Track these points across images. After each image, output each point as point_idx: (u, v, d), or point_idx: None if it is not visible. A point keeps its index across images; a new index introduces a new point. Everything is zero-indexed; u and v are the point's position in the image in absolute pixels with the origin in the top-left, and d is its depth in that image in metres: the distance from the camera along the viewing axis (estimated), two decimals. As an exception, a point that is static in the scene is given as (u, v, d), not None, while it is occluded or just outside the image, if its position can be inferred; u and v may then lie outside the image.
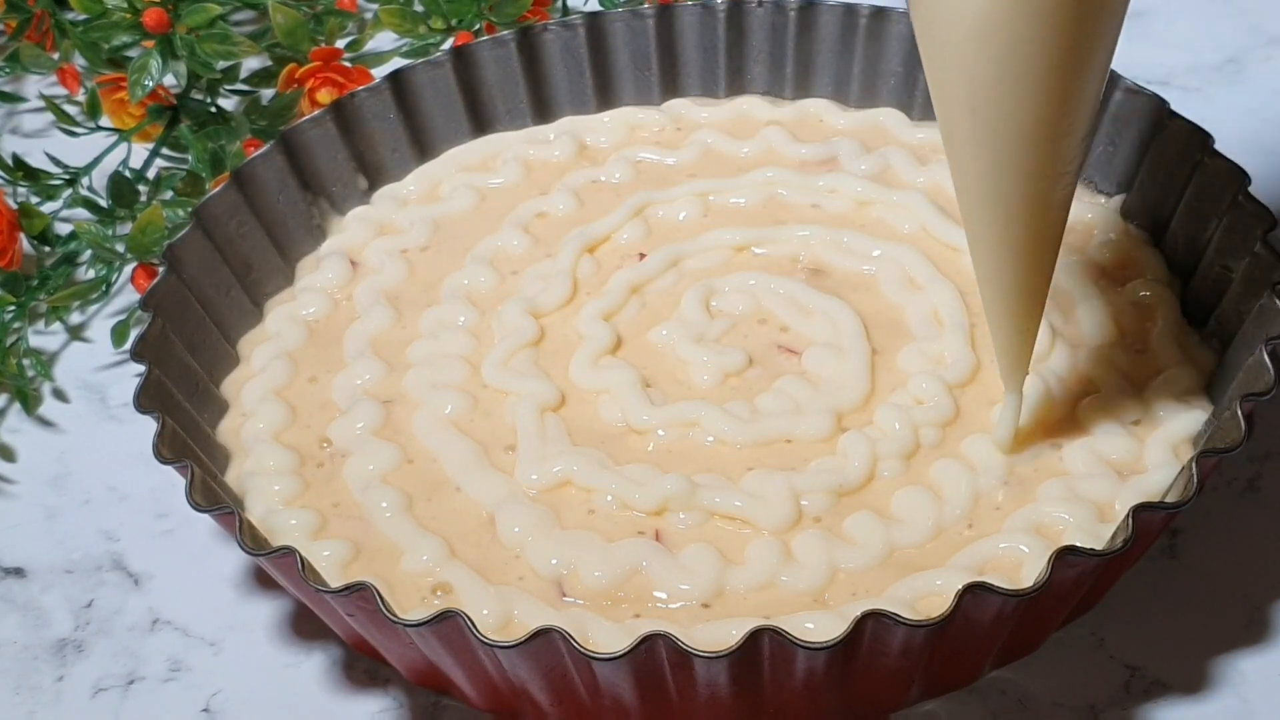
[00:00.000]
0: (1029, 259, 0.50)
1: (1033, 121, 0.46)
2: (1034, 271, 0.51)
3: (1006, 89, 0.46)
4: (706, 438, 0.56)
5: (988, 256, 0.50)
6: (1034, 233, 0.49)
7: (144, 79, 0.71)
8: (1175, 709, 0.53)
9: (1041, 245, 0.50)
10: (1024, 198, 0.48)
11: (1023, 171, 0.47)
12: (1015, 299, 0.51)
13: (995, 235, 0.49)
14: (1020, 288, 0.51)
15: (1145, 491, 0.53)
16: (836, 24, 0.69)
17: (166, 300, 0.58)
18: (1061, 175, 0.48)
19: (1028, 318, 0.52)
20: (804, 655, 0.47)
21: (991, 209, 0.49)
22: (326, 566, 0.53)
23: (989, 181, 0.48)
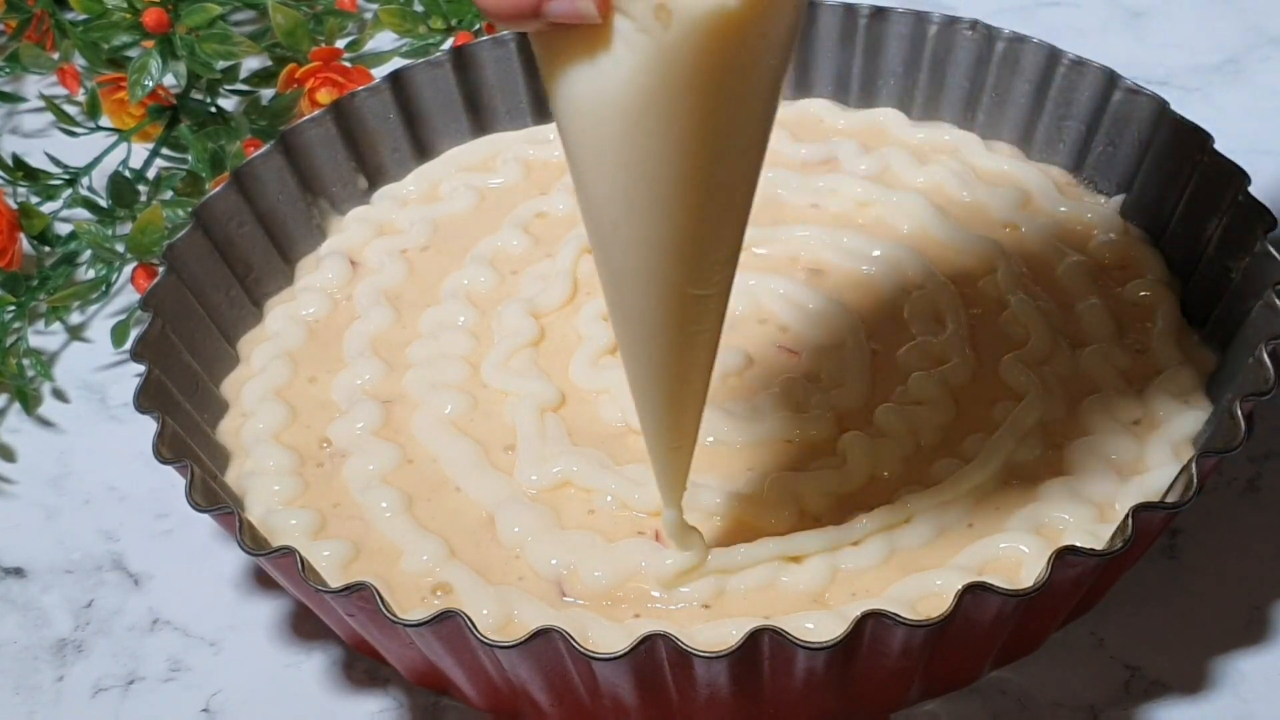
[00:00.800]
0: (674, 380, 0.47)
1: (671, 244, 0.44)
2: (681, 392, 0.48)
3: (640, 211, 0.43)
4: (707, 438, 0.56)
5: (635, 370, 0.47)
6: (680, 354, 0.47)
7: (144, 79, 0.71)
8: (1175, 709, 0.53)
9: (688, 367, 0.47)
10: (666, 319, 0.45)
11: (661, 294, 0.45)
12: (665, 418, 0.48)
13: (639, 354, 0.47)
14: (668, 406, 0.48)
15: (1145, 491, 0.53)
16: (836, 24, 0.68)
17: (166, 300, 0.58)
18: (706, 298, 0.46)
19: (679, 436, 0.49)
20: (804, 655, 0.47)
21: (632, 330, 0.46)
22: (326, 566, 0.53)
23: (629, 301, 0.46)
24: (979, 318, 0.60)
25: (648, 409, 0.48)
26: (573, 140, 0.43)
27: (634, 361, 0.47)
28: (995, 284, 0.61)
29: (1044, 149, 0.66)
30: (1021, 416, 0.56)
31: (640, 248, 0.44)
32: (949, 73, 0.68)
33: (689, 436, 0.49)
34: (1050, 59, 0.65)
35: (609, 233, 0.44)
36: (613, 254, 0.45)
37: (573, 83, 0.42)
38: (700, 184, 0.43)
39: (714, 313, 0.46)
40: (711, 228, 0.44)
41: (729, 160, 0.43)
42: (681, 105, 0.41)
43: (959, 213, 0.64)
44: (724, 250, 0.45)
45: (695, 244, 0.44)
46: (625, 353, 0.47)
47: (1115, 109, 0.64)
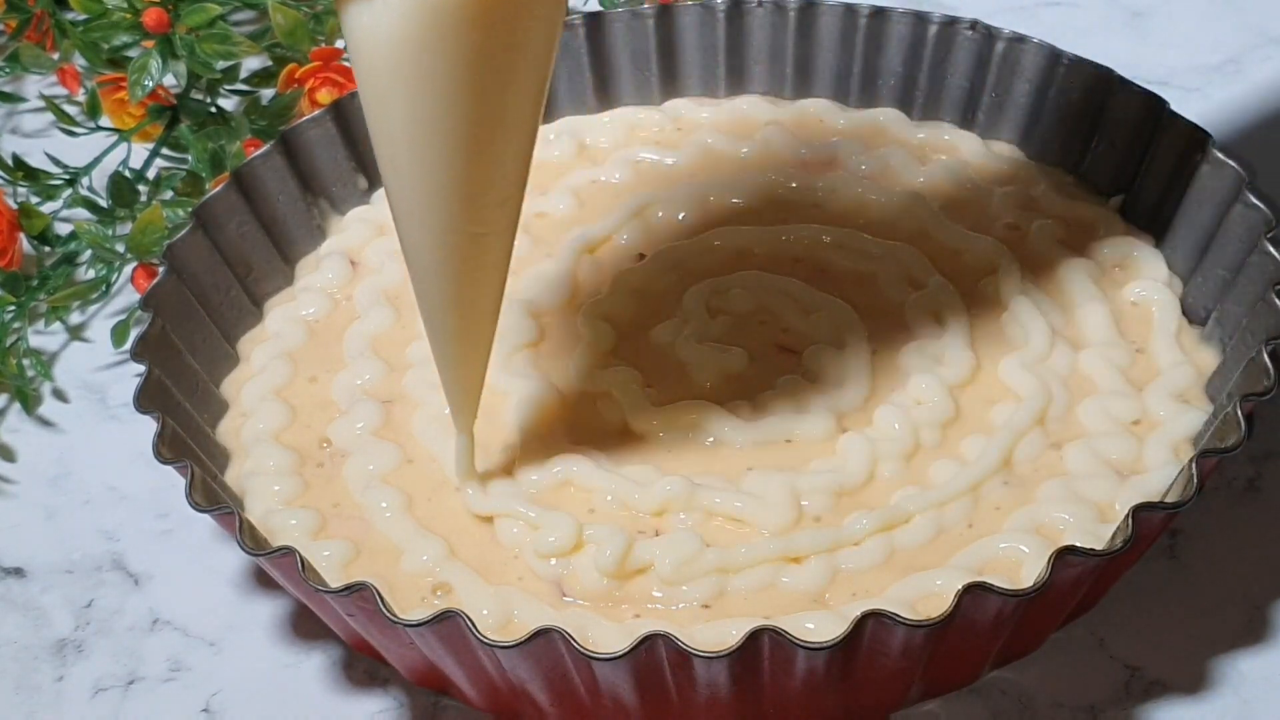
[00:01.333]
0: (467, 311, 0.50)
1: (443, 181, 0.47)
2: (472, 322, 0.51)
3: (416, 146, 0.46)
4: (706, 438, 0.56)
5: (430, 307, 0.50)
6: (463, 289, 0.50)
7: (144, 79, 0.70)
8: (1175, 709, 0.53)
9: (473, 303, 0.50)
10: (451, 250, 0.48)
11: (441, 229, 0.48)
12: (454, 350, 0.51)
13: (432, 286, 0.50)
14: (456, 339, 0.51)
15: (1145, 492, 0.53)
16: (836, 24, 0.68)
17: (166, 300, 0.58)
18: (484, 236, 0.49)
19: (468, 368, 0.52)
20: (804, 655, 0.47)
21: (425, 256, 0.49)
22: (326, 566, 0.53)
23: (419, 229, 0.48)
24: (979, 318, 0.60)
25: (436, 339, 0.51)
26: (356, 69, 0.46)
27: (421, 293, 0.50)
28: (995, 284, 0.61)
29: (1044, 149, 0.66)
30: (1021, 417, 0.56)
31: (417, 180, 0.47)
32: (949, 73, 0.68)
33: (477, 371, 0.52)
34: (1050, 59, 0.65)
35: (389, 162, 0.47)
36: (393, 184, 0.48)
37: (352, 15, 0.45)
38: (465, 129, 0.46)
39: (494, 251, 0.49)
40: (482, 168, 0.47)
41: (498, 104, 0.46)
42: (442, 50, 0.44)
43: (959, 213, 0.64)
44: (498, 193, 0.48)
45: (467, 183, 0.47)
46: (415, 286, 0.50)
47: (1115, 109, 0.64)
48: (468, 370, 0.52)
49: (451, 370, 0.52)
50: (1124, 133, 0.64)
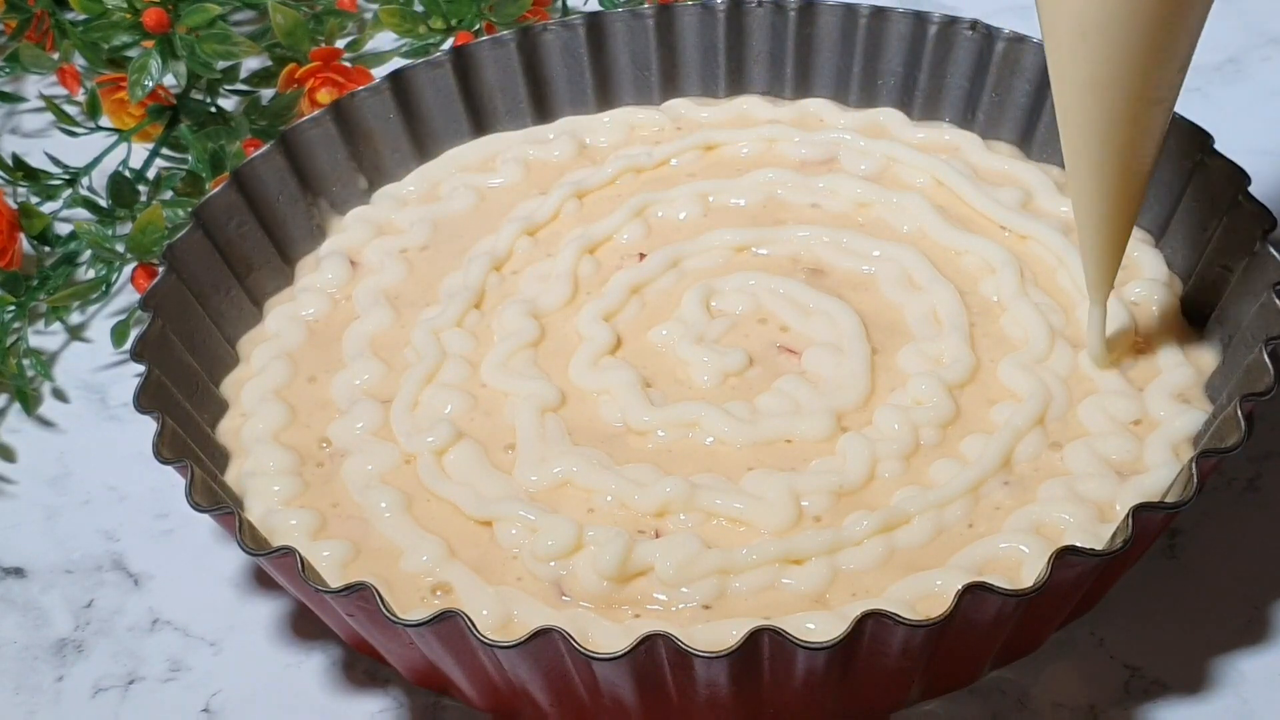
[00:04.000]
0: (1123, 180, 0.53)
1: (1139, 47, 0.50)
2: (1125, 193, 0.53)
3: (1117, 18, 0.49)
4: (706, 438, 0.56)
5: (1085, 174, 0.53)
6: (1129, 155, 0.52)
7: (144, 79, 0.71)
8: (1175, 709, 0.53)
9: (1134, 168, 0.53)
10: (1122, 120, 0.51)
11: (1124, 95, 0.51)
12: (1107, 217, 0.54)
13: (1093, 154, 0.52)
14: (1112, 206, 0.54)
15: (1145, 491, 0.53)
16: (836, 24, 0.69)
17: (166, 300, 0.58)
18: (1159, 102, 0.52)
19: (1118, 234, 0.54)
20: (804, 655, 0.47)
21: (1092, 128, 0.52)
22: (326, 566, 0.53)
23: (1093, 102, 0.51)
24: (979, 318, 0.60)
25: (1092, 206, 0.54)
26: None
27: (1086, 163, 0.53)
28: (995, 284, 0.61)
29: (1044, 149, 0.66)
30: (1021, 417, 0.56)
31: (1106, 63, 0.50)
32: (949, 73, 0.68)
33: (1125, 237, 0.55)
34: (1050, 59, 0.65)
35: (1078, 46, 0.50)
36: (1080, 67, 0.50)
37: None
38: None
39: (1163, 116, 0.53)
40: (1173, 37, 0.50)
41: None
42: None
43: (959, 213, 0.64)
44: (1181, 59, 0.51)
45: (1160, 52, 0.50)
46: (1078, 163, 0.53)
47: (1115, 109, 0.64)
48: (1116, 237, 0.54)
49: (1100, 239, 0.54)
50: (1124, 133, 0.64)
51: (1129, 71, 0.50)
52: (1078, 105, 0.52)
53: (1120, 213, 0.54)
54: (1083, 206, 0.54)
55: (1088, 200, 0.54)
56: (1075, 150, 0.53)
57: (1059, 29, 0.50)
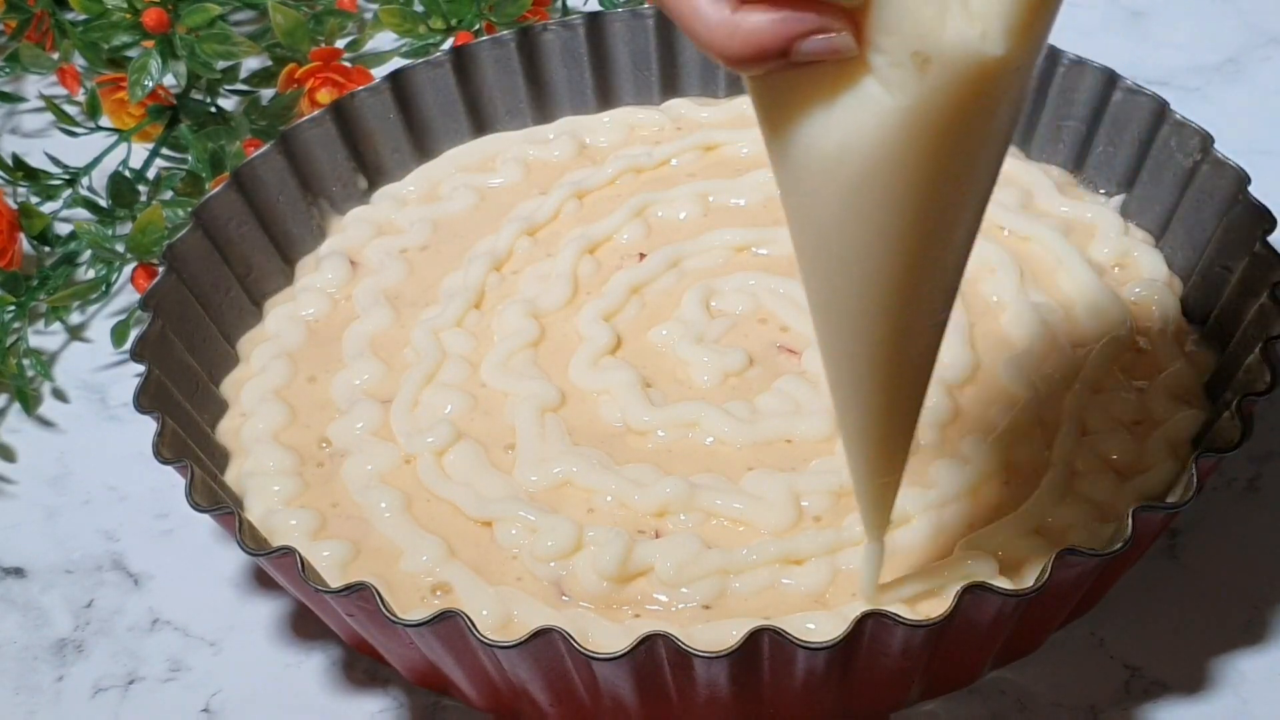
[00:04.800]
0: (889, 415, 0.46)
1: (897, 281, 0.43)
2: (895, 426, 0.47)
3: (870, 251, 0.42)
4: (706, 438, 0.56)
5: (849, 412, 0.47)
6: (895, 389, 0.46)
7: (144, 79, 0.71)
8: (1175, 709, 0.53)
9: (903, 401, 0.47)
10: (886, 355, 0.45)
11: (886, 329, 0.44)
12: (880, 454, 0.47)
13: (856, 393, 0.46)
14: (884, 443, 0.47)
15: (1145, 492, 0.53)
16: (836, 24, 0.68)
17: (166, 300, 0.58)
18: (940, 325, 0.45)
19: (891, 470, 0.48)
20: (804, 655, 0.47)
21: (853, 367, 0.45)
22: (326, 567, 0.53)
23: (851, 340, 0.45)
24: (978, 318, 0.60)
25: (862, 445, 0.47)
26: (802, 182, 0.42)
27: (851, 398, 0.46)
28: (995, 284, 0.61)
29: (1044, 149, 0.66)
30: (1020, 417, 0.56)
31: (871, 286, 0.43)
32: (949, 73, 0.67)
33: (899, 471, 0.48)
34: (1050, 59, 0.65)
35: (835, 272, 0.43)
36: (838, 293, 0.43)
37: (808, 125, 0.40)
38: (936, 218, 0.42)
39: (935, 342, 0.45)
40: (942, 259, 0.43)
41: (966, 195, 0.42)
42: (932, 145, 0.39)
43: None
44: (952, 279, 0.44)
45: (928, 279, 0.43)
46: (840, 392, 0.46)
47: (1115, 109, 0.64)
48: (890, 473, 0.48)
49: (872, 471, 0.48)
50: (1124, 133, 0.64)
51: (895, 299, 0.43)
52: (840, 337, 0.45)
53: (891, 448, 0.48)
54: (849, 447, 0.48)
55: (854, 437, 0.47)
56: (846, 391, 0.46)
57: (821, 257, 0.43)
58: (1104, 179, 0.65)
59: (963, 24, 0.37)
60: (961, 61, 0.38)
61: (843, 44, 0.38)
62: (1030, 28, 0.38)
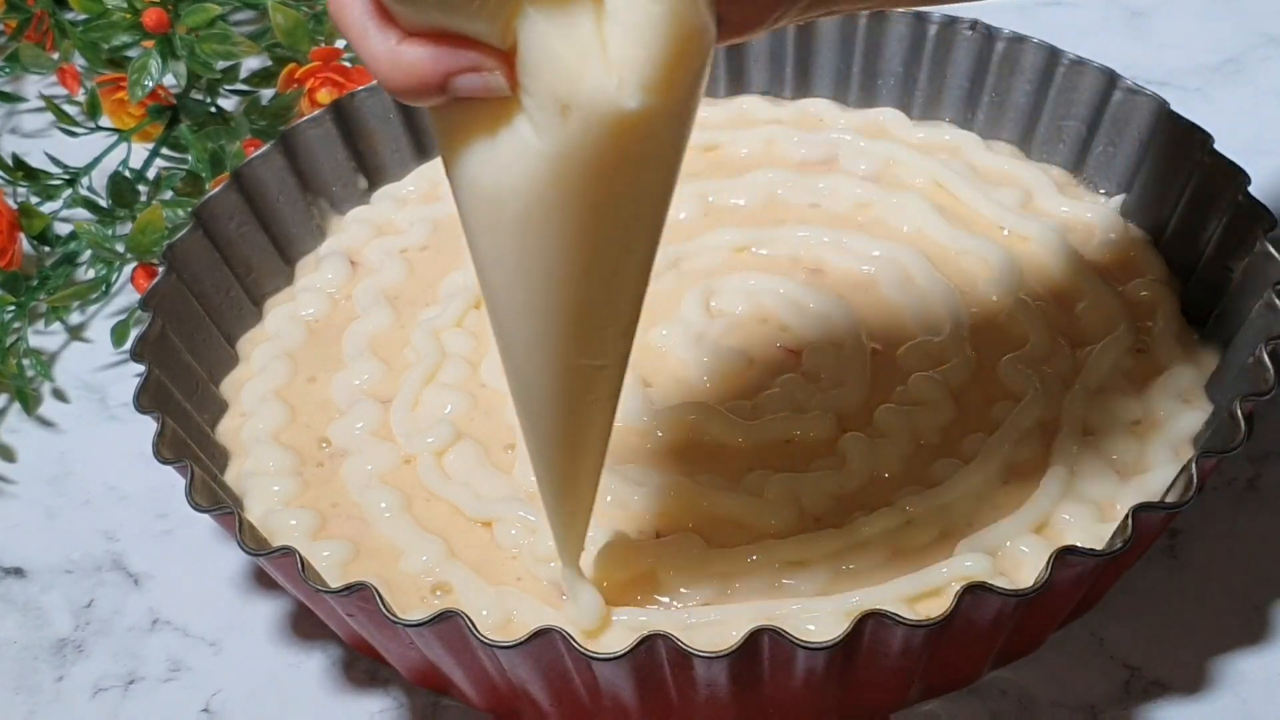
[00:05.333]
0: (570, 448, 0.47)
1: (565, 319, 0.44)
2: (576, 458, 0.48)
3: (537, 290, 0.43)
4: (706, 438, 0.56)
5: (531, 437, 0.48)
6: (574, 422, 0.47)
7: (144, 79, 0.71)
8: (1174, 709, 0.53)
9: (582, 434, 0.47)
10: (562, 389, 0.45)
11: (559, 366, 0.45)
12: (562, 484, 0.48)
13: (535, 422, 0.47)
14: (565, 474, 0.48)
15: (1145, 491, 0.53)
16: (836, 24, 0.68)
17: (166, 300, 0.58)
18: (601, 369, 0.45)
19: (575, 500, 0.49)
20: (804, 655, 0.47)
21: (529, 399, 0.46)
22: (326, 566, 0.53)
23: (527, 373, 0.46)
24: (979, 318, 0.60)
25: (544, 474, 0.48)
26: (469, 214, 0.43)
27: (529, 428, 0.47)
28: (995, 284, 0.61)
29: (1044, 149, 0.66)
30: (1021, 417, 0.56)
31: (533, 320, 0.44)
32: (949, 73, 0.68)
33: (586, 501, 0.49)
34: (1050, 59, 0.65)
35: (503, 304, 0.44)
36: (505, 323, 0.45)
37: (472, 160, 0.41)
38: (595, 265, 0.42)
39: (608, 382, 0.46)
40: (606, 304, 0.44)
41: (624, 243, 0.43)
42: (583, 191, 0.40)
43: (959, 213, 0.64)
44: (618, 324, 0.45)
45: (588, 319, 0.44)
46: (521, 419, 0.47)
47: (1115, 109, 0.64)
48: (575, 501, 0.49)
49: (559, 502, 0.49)
50: (1124, 133, 0.64)
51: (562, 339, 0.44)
52: (518, 369, 0.46)
53: (576, 479, 0.48)
54: (540, 473, 0.48)
55: (543, 467, 0.48)
56: (525, 416, 0.47)
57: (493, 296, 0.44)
58: (1104, 179, 0.65)
59: (600, 74, 0.38)
60: (598, 112, 0.39)
61: (495, 83, 0.39)
62: (669, 82, 0.39)
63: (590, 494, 0.49)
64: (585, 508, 0.49)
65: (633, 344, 0.46)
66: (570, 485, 0.48)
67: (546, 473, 0.48)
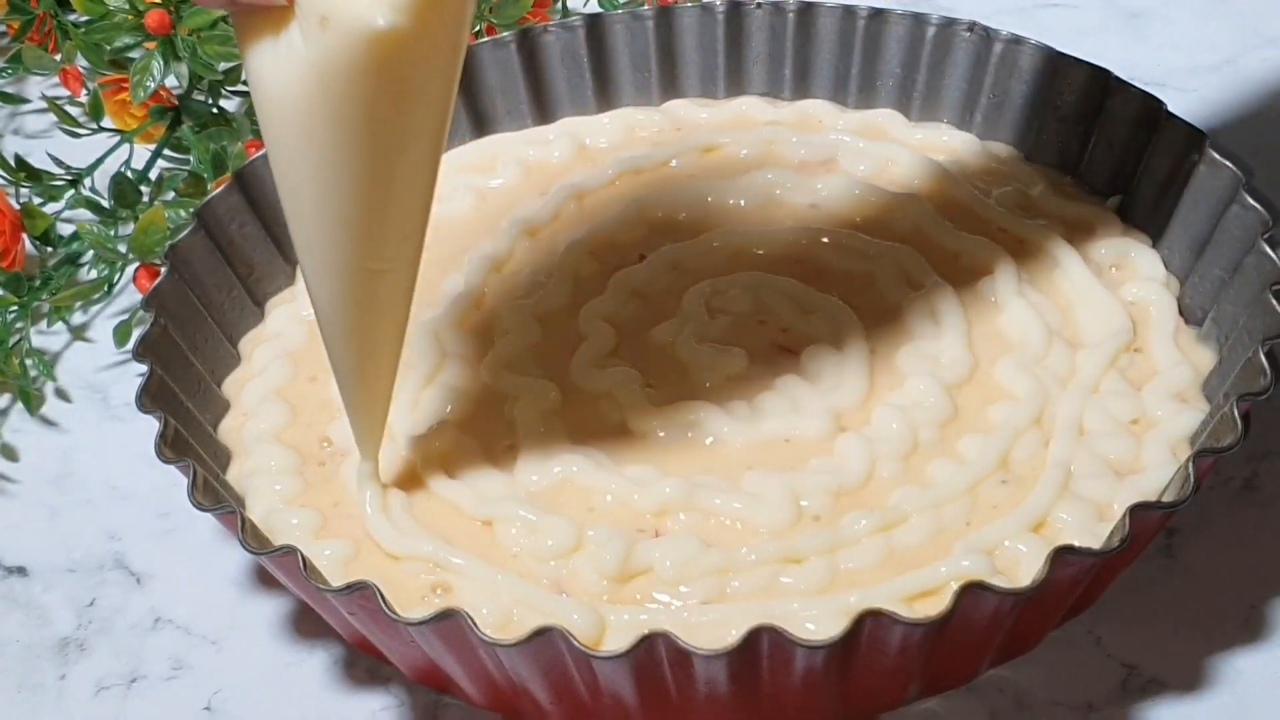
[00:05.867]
0: (357, 348, 0.51)
1: (342, 219, 0.47)
2: (370, 357, 0.51)
3: (316, 186, 0.47)
4: (706, 438, 0.57)
5: (325, 337, 0.51)
6: (362, 324, 0.50)
7: (146, 80, 0.71)
8: (1172, 707, 0.53)
9: (371, 337, 0.51)
10: (345, 290, 0.49)
11: (340, 265, 0.49)
12: (357, 380, 0.52)
13: (326, 321, 0.51)
14: (355, 371, 0.52)
15: (1143, 491, 0.53)
16: (835, 25, 0.69)
17: (168, 300, 0.59)
18: (382, 273, 0.49)
19: (368, 399, 0.52)
20: (803, 653, 0.47)
21: (320, 298, 0.50)
22: (327, 565, 0.53)
23: (315, 273, 0.49)
24: (976, 318, 0.60)
25: (341, 371, 0.52)
26: (259, 113, 0.47)
27: (324, 326, 0.51)
28: (993, 285, 0.61)
29: (1041, 150, 0.67)
30: (1018, 416, 0.56)
31: (317, 221, 0.48)
32: (947, 74, 0.68)
33: (382, 397, 0.53)
34: (1048, 60, 0.65)
35: (290, 203, 0.48)
36: (294, 223, 0.49)
37: (258, 61, 0.46)
38: (368, 173, 0.46)
39: (393, 288, 0.50)
40: (383, 210, 0.47)
41: (395, 155, 0.46)
42: (345, 100, 0.45)
43: (957, 214, 0.64)
44: (400, 230, 0.48)
45: (369, 223, 0.48)
46: (317, 317, 0.51)
47: (1113, 110, 0.64)
48: (368, 400, 0.52)
49: (352, 400, 0.53)
50: (1121, 134, 0.64)
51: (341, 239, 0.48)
52: (309, 268, 0.50)
53: (371, 375, 0.52)
54: (337, 371, 0.52)
55: (337, 365, 0.52)
56: (320, 315, 0.51)
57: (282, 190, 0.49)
58: (1101, 179, 0.65)
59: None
60: (351, 27, 0.43)
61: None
62: (421, 6, 0.43)
63: (386, 392, 0.53)
64: (381, 403, 0.53)
65: (421, 253, 0.50)
66: (364, 381, 0.52)
67: (343, 370, 0.52)
